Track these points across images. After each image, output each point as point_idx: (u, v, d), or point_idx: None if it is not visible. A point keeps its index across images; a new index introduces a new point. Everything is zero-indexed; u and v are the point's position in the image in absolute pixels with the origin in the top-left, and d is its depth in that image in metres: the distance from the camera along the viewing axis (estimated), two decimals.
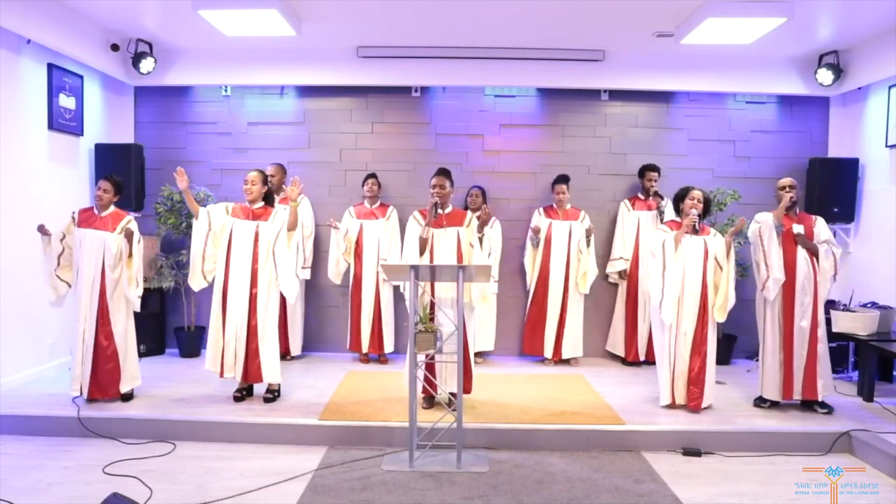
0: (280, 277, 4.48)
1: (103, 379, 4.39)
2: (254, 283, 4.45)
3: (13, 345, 4.75)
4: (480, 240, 4.45)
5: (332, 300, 6.19)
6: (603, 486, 3.49)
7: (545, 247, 5.83)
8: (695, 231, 4.45)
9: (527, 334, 5.93)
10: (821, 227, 4.47)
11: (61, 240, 4.42)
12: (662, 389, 4.49)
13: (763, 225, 4.42)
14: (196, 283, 4.54)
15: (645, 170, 5.94)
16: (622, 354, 5.96)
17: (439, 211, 4.37)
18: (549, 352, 5.80)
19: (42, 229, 4.36)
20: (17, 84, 4.82)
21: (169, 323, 6.19)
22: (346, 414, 4.27)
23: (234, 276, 4.45)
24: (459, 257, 4.33)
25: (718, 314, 4.45)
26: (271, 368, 4.50)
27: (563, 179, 5.85)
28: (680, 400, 4.41)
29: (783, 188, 4.47)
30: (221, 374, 4.49)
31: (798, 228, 4.42)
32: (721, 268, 4.43)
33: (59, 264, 4.42)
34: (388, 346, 5.84)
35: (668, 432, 4.09)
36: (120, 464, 3.64)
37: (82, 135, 5.56)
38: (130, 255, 4.46)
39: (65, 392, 4.57)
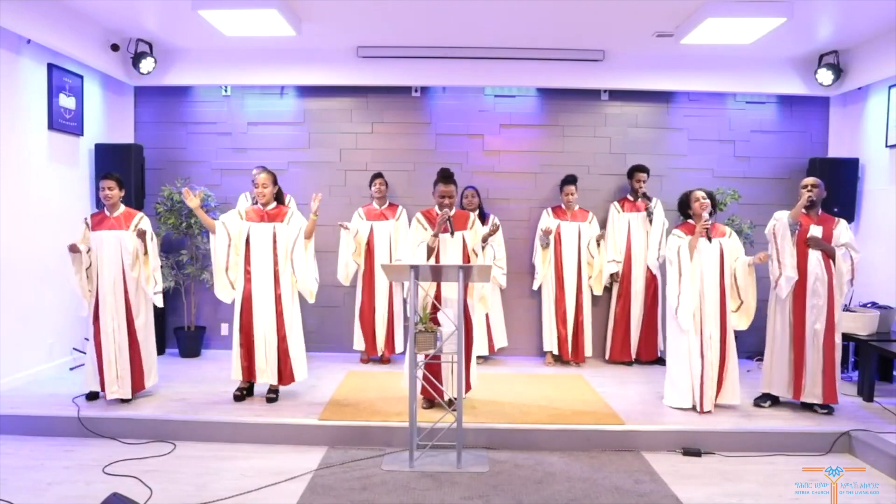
0: (300, 282, 4.52)
1: (136, 375, 4.47)
2: (277, 283, 4.47)
3: (13, 345, 4.75)
4: (483, 249, 4.44)
5: (332, 300, 6.18)
6: (603, 486, 3.49)
7: (555, 248, 5.81)
8: (708, 237, 4.39)
9: (544, 335, 5.88)
10: (841, 230, 4.37)
11: (87, 252, 4.38)
12: (682, 392, 4.43)
13: (778, 223, 4.38)
14: (225, 294, 4.53)
15: (634, 171, 5.90)
16: (619, 358, 5.91)
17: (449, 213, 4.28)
18: (566, 352, 5.76)
19: (74, 248, 4.32)
20: (17, 84, 4.82)
21: (169, 323, 6.17)
22: (346, 414, 4.27)
23: (257, 279, 4.45)
24: (466, 261, 4.32)
25: (743, 322, 4.45)
26: (301, 367, 4.59)
27: (571, 180, 5.83)
28: (708, 406, 4.33)
29: (805, 187, 4.39)
30: (254, 379, 4.51)
31: (816, 230, 4.35)
32: (737, 283, 4.40)
33: (88, 277, 4.40)
34: (399, 347, 5.81)
35: (668, 432, 4.08)
36: (120, 464, 3.64)
37: (82, 135, 5.56)
38: (146, 252, 4.47)
39: (65, 392, 4.57)
